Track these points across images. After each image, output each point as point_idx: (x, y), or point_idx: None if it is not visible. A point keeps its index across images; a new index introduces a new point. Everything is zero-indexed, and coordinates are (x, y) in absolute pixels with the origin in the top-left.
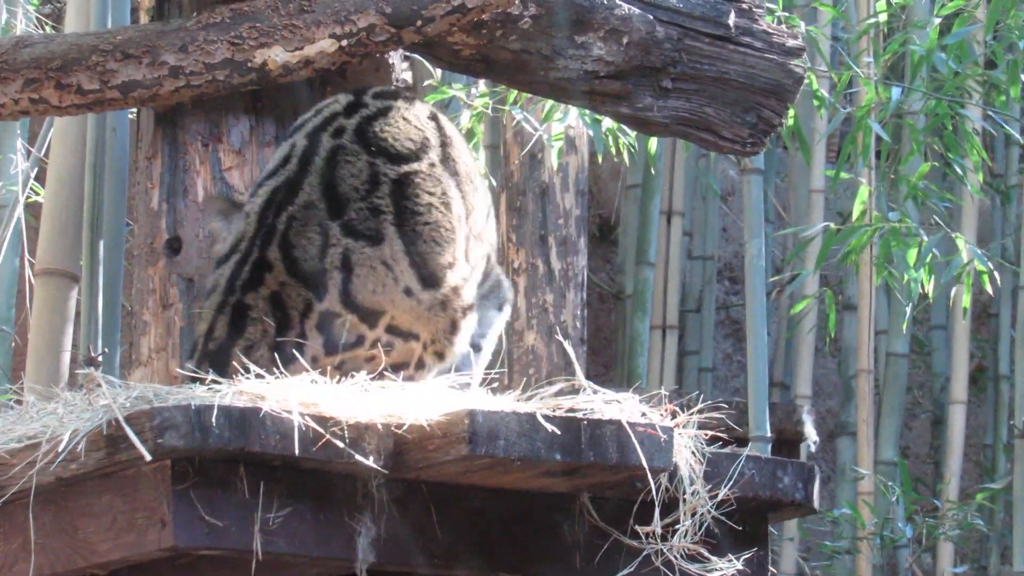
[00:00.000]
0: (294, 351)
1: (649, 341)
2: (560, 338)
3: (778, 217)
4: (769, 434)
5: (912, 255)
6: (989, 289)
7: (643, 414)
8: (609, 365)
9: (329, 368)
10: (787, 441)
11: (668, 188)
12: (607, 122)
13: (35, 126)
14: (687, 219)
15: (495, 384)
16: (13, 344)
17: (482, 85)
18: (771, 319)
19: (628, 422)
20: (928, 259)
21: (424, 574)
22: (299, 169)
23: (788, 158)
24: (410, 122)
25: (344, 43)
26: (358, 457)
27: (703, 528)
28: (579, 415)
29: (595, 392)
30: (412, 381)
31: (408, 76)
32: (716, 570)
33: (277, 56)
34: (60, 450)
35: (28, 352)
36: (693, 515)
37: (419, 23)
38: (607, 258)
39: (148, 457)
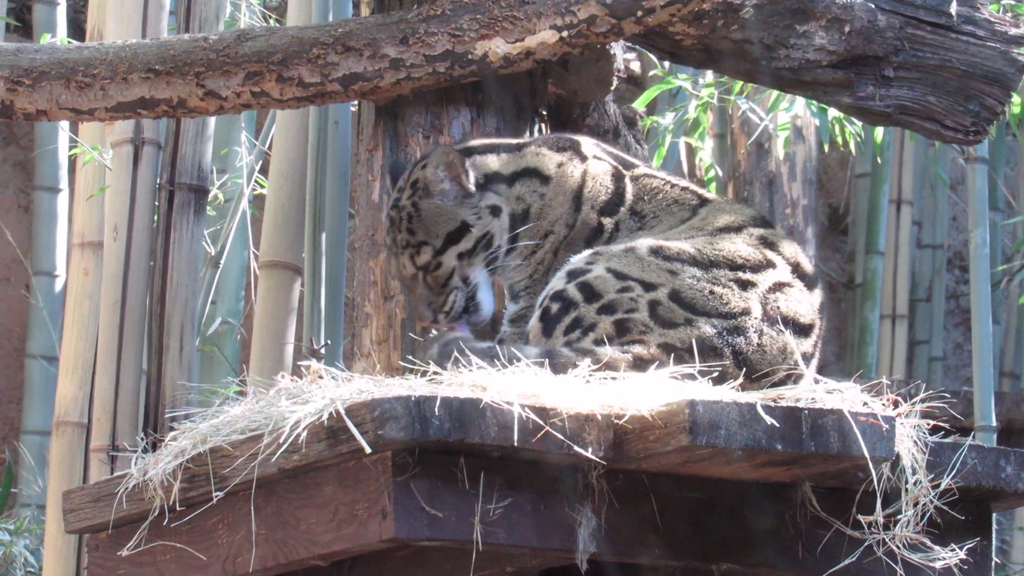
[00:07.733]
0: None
1: (879, 330)
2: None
3: (1008, 206)
4: (995, 423)
5: None
6: None
7: (865, 403)
8: (840, 354)
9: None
10: (1016, 431)
11: (897, 177)
12: (834, 111)
13: (261, 119)
14: (916, 208)
15: (717, 374)
16: (239, 337)
17: (709, 75)
18: (1001, 308)
19: (850, 412)
20: None
21: (646, 564)
22: None
23: (1017, 146)
24: None
25: (565, 34)
26: (577, 448)
27: (925, 517)
28: (800, 405)
29: (816, 382)
30: None
31: (636, 66)
32: (939, 559)
33: (498, 48)
34: (282, 441)
35: (252, 344)
36: (915, 504)
37: (639, 13)
38: (837, 247)
39: (368, 449)
